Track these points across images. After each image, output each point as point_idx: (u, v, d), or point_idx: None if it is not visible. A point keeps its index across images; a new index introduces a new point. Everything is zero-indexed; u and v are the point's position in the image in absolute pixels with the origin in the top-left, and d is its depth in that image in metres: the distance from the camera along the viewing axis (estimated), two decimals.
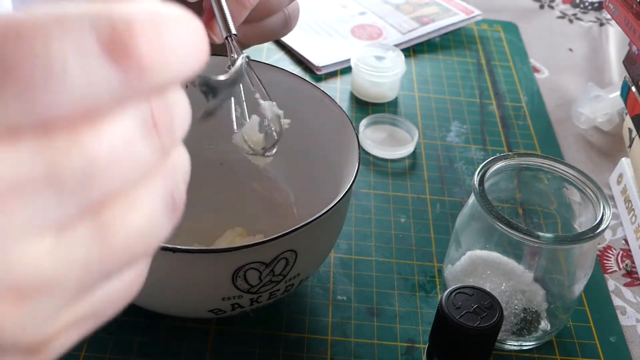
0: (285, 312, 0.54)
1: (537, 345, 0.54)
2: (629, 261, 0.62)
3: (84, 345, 0.50)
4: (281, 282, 0.46)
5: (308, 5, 0.93)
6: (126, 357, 0.50)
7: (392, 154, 0.70)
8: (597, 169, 0.73)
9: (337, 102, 0.55)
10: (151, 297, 0.48)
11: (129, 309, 0.49)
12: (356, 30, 0.89)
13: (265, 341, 0.52)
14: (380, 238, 0.62)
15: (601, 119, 0.77)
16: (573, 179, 0.53)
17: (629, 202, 0.65)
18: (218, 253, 0.42)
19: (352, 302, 0.56)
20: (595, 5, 1.03)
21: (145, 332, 0.52)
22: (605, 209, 0.50)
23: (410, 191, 0.67)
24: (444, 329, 0.44)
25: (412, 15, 0.92)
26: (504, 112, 0.79)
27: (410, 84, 0.82)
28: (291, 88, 0.57)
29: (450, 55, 0.88)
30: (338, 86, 0.80)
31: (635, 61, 0.66)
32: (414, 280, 0.58)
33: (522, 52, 0.90)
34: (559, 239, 0.48)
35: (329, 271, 0.58)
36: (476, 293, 0.45)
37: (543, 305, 0.53)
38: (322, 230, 0.48)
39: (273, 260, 0.44)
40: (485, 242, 0.53)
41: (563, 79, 0.87)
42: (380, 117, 0.74)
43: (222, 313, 0.47)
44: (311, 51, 0.83)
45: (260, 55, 0.83)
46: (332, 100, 0.54)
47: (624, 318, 0.58)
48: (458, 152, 0.73)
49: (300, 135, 0.58)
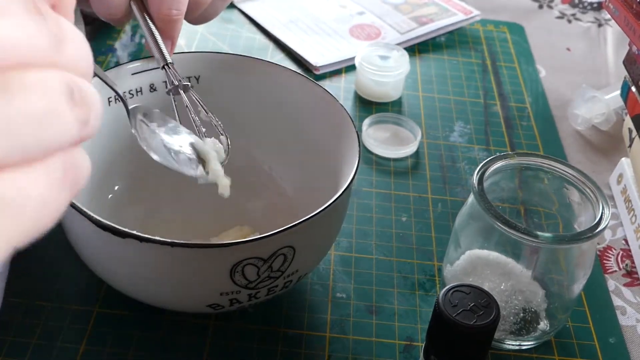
0: (284, 308, 0.55)
1: (535, 345, 0.54)
2: (629, 261, 0.62)
3: (84, 339, 0.51)
4: (279, 278, 0.46)
5: (307, 5, 0.93)
6: (125, 352, 0.50)
7: (395, 153, 0.71)
8: (597, 169, 0.73)
9: (341, 101, 0.55)
10: (149, 292, 0.48)
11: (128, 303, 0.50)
12: (355, 30, 0.89)
13: (264, 337, 0.52)
14: (380, 236, 0.62)
15: (598, 120, 0.77)
16: (573, 179, 0.53)
17: (629, 202, 0.65)
18: (216, 248, 0.43)
19: (351, 299, 0.56)
20: (594, 5, 1.03)
21: (144, 326, 0.52)
22: (604, 209, 0.50)
23: (412, 190, 0.67)
24: (441, 327, 0.44)
25: (410, 15, 0.92)
26: (508, 112, 0.79)
27: (414, 83, 0.82)
28: (292, 85, 0.57)
29: (455, 55, 0.88)
30: (342, 85, 0.80)
31: (635, 61, 0.66)
32: (413, 278, 0.58)
33: (528, 53, 0.90)
34: (557, 239, 0.48)
35: (328, 268, 0.58)
36: (473, 291, 0.45)
37: (542, 305, 0.53)
38: (321, 227, 0.48)
39: (271, 256, 0.44)
40: (485, 242, 0.53)
41: (561, 78, 0.87)
42: (383, 117, 0.74)
43: (220, 308, 0.47)
44: (310, 51, 0.83)
45: (265, 55, 0.84)
46: (332, 97, 0.54)
47: (623, 318, 0.57)
48: (461, 152, 0.73)
49: (300, 132, 0.59)
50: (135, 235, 0.42)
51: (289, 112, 0.58)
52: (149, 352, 0.50)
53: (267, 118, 0.60)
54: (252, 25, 0.89)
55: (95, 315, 0.52)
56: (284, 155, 0.60)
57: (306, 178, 0.59)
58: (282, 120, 0.59)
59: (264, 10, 0.92)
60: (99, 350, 0.50)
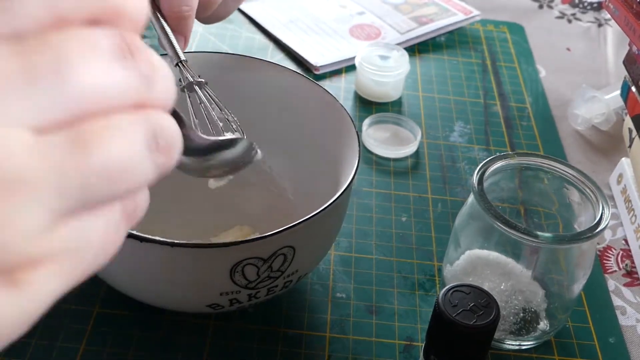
0: (284, 308, 0.55)
1: (535, 345, 0.54)
2: (629, 261, 0.62)
3: (83, 339, 0.51)
4: (279, 278, 0.46)
5: (307, 5, 0.93)
6: (125, 352, 0.50)
7: (395, 153, 0.71)
8: (597, 169, 0.73)
9: (341, 101, 0.55)
10: (149, 292, 0.48)
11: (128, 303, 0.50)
12: (355, 30, 0.89)
13: (264, 337, 0.52)
14: (380, 236, 0.62)
15: (597, 120, 0.77)
16: (572, 179, 0.53)
17: (629, 202, 0.65)
18: (216, 248, 0.43)
19: (351, 299, 0.56)
20: (594, 5, 1.03)
21: (144, 326, 0.52)
22: (604, 209, 0.50)
23: (412, 190, 0.67)
24: (441, 327, 0.44)
25: (410, 15, 0.92)
26: (508, 112, 0.79)
27: (414, 83, 0.82)
28: (292, 85, 0.57)
29: (455, 55, 0.88)
30: (342, 85, 0.80)
31: (635, 61, 0.66)
32: (413, 278, 0.58)
33: (528, 53, 0.90)
34: (557, 239, 0.48)
35: (328, 269, 0.58)
36: (473, 291, 0.45)
37: (542, 305, 0.53)
38: (321, 227, 0.48)
39: (271, 256, 0.44)
40: (484, 242, 0.53)
41: (561, 78, 0.87)
42: (383, 117, 0.74)
43: (220, 308, 0.47)
44: (310, 51, 0.83)
45: (265, 55, 0.84)
46: (332, 97, 0.54)
47: (623, 318, 0.57)
48: (461, 152, 0.73)
49: (301, 132, 0.59)
50: (135, 235, 0.42)
51: (289, 112, 0.58)
52: (149, 352, 0.50)
53: (267, 118, 0.59)
54: (252, 25, 0.89)
55: (95, 315, 0.52)
56: (284, 155, 0.60)
57: (306, 178, 0.59)
58: (282, 120, 0.59)
59: (264, 10, 0.92)
60: (99, 350, 0.50)
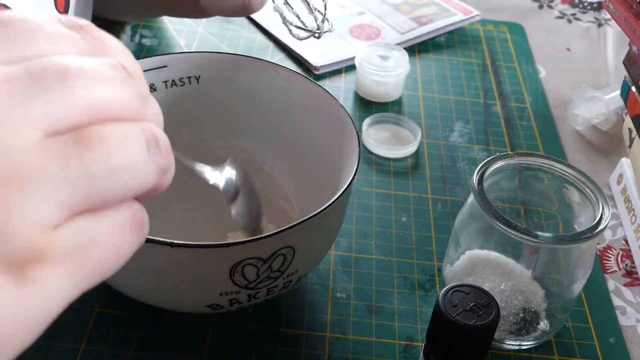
0: (284, 308, 0.55)
1: (535, 345, 0.54)
2: (629, 261, 0.62)
3: (84, 339, 0.51)
4: (279, 279, 0.46)
5: None
6: (125, 352, 0.50)
7: (395, 153, 0.71)
8: (597, 169, 0.73)
9: (341, 101, 0.55)
10: (149, 292, 0.48)
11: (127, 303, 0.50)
12: (354, 30, 0.89)
13: (264, 337, 0.52)
14: (380, 236, 0.62)
15: (597, 120, 0.77)
16: (572, 179, 0.53)
17: (629, 202, 0.65)
18: (215, 248, 0.43)
19: (351, 299, 0.56)
20: (594, 5, 1.03)
21: (144, 326, 0.52)
22: (604, 209, 0.50)
23: (412, 190, 0.67)
24: (441, 327, 0.44)
25: (410, 15, 0.92)
26: (508, 112, 0.79)
27: (414, 83, 0.82)
28: (292, 85, 0.57)
29: (455, 55, 0.88)
30: (342, 85, 0.80)
31: (635, 61, 0.66)
32: (413, 278, 0.58)
33: (528, 53, 0.90)
34: (557, 239, 0.48)
35: (328, 269, 0.58)
36: (473, 291, 0.45)
37: (542, 305, 0.53)
38: (321, 227, 0.48)
39: (271, 256, 0.44)
40: (484, 242, 0.53)
41: (561, 78, 0.87)
42: (383, 117, 0.74)
43: (220, 308, 0.47)
44: (310, 51, 0.83)
45: (265, 55, 0.84)
46: (332, 97, 0.54)
47: (623, 318, 0.57)
48: (461, 152, 0.73)
49: (301, 132, 0.58)
50: None
51: (289, 112, 0.58)
52: (149, 352, 0.50)
53: (267, 118, 0.60)
54: (252, 25, 0.89)
55: (95, 315, 0.52)
56: (284, 155, 0.60)
57: (306, 178, 0.59)
58: (282, 120, 0.59)
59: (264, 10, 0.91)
60: (99, 350, 0.50)
